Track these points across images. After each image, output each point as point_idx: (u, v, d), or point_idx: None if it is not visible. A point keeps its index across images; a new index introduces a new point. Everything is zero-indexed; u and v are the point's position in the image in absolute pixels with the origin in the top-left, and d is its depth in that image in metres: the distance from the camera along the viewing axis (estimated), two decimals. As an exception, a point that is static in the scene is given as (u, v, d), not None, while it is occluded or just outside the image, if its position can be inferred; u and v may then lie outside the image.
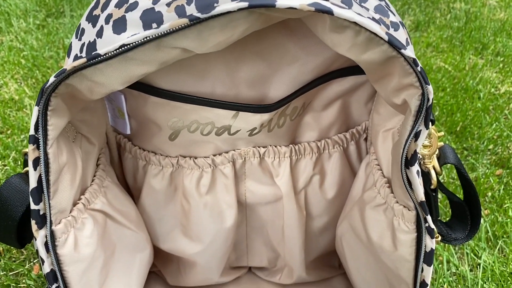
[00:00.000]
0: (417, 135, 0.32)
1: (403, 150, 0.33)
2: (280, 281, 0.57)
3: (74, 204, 0.39)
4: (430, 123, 0.35)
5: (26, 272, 0.61)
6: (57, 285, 0.39)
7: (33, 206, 0.35)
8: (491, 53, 1.15)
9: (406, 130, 0.32)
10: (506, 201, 0.73)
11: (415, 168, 0.34)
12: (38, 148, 0.32)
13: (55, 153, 0.34)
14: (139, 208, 0.51)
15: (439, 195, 0.57)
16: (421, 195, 0.35)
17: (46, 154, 0.33)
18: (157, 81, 0.42)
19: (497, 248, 0.65)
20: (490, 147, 0.86)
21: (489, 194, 0.76)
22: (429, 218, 0.36)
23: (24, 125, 0.86)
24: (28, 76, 1.01)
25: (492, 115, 0.94)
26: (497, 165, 0.83)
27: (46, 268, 0.38)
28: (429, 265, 0.39)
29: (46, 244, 0.37)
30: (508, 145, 0.86)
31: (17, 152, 0.79)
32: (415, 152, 0.33)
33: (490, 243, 0.66)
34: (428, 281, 0.40)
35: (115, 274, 0.45)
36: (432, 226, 0.37)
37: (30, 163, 0.33)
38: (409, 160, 0.33)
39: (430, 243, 0.38)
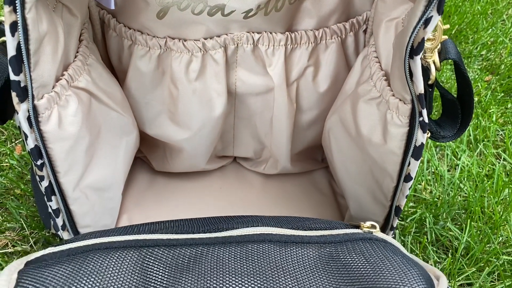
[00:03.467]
0: (427, 22, 0.30)
1: (410, 38, 0.31)
2: (264, 171, 0.58)
3: (57, 80, 0.37)
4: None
5: (8, 152, 0.61)
6: (42, 161, 0.38)
7: (12, 77, 0.32)
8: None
9: (415, 16, 0.30)
10: (491, 107, 0.74)
11: (419, 59, 0.33)
12: (15, 11, 0.29)
13: (34, 19, 0.31)
14: (125, 91, 0.49)
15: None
16: (421, 87, 0.34)
17: (24, 19, 0.30)
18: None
19: (477, 151, 0.66)
20: (483, 52, 0.85)
21: (476, 99, 0.76)
22: (424, 112, 0.36)
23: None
24: None
25: (490, 19, 0.91)
26: (487, 71, 0.82)
27: (30, 144, 0.37)
28: (417, 160, 0.40)
29: (29, 119, 0.35)
30: (501, 51, 0.85)
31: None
32: (423, 40, 0.31)
33: (470, 146, 0.68)
34: (413, 174, 0.41)
35: (101, 156, 0.45)
36: (426, 120, 0.37)
37: (7, 28, 0.30)
38: (415, 49, 0.32)
39: (421, 138, 0.38)
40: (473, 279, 0.51)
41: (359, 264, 0.32)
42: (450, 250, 0.54)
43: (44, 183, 0.40)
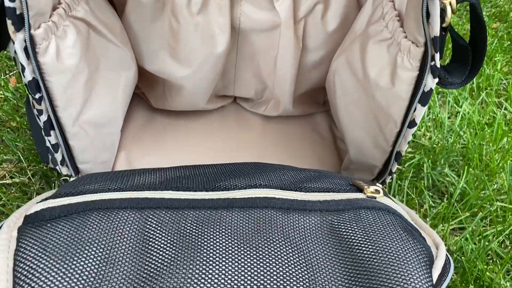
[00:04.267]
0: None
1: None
2: (265, 112, 0.57)
3: (54, 9, 0.35)
4: None
5: (2, 84, 0.59)
6: (40, 95, 0.37)
7: (7, 3, 0.30)
8: None
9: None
10: (497, 55, 0.72)
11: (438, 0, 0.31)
12: None
13: None
14: (124, 24, 0.47)
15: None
16: (437, 29, 0.33)
17: None
18: None
19: (479, 99, 0.66)
20: (493, -3, 0.82)
21: (482, 46, 0.74)
22: (437, 56, 0.35)
23: None
24: None
25: (503, -38, 0.87)
26: (496, 18, 0.80)
27: (28, 76, 0.35)
28: (424, 105, 0.39)
29: (26, 50, 0.34)
30: (512, -3, 0.82)
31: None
32: (445, -22, 0.29)
33: (473, 94, 0.67)
34: (418, 121, 0.41)
35: (99, 91, 0.43)
36: (438, 65, 0.35)
37: None
38: (435, -13, 0.30)
39: (430, 83, 0.37)
40: (466, 223, 0.52)
41: (359, 239, 0.31)
42: (446, 195, 0.55)
43: (43, 118, 0.39)
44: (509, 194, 0.54)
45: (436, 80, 0.37)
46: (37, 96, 0.37)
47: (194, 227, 0.31)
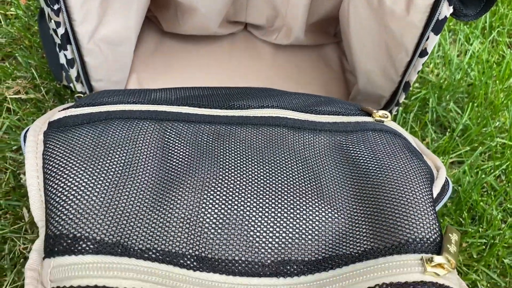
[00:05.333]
0: None
1: None
2: (276, 40, 0.58)
3: None
4: None
5: (12, 1, 0.58)
6: (59, 6, 0.38)
7: None
8: None
9: None
10: (513, -7, 0.71)
11: None
12: None
13: None
14: None
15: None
16: (459, -48, 0.32)
17: None
18: None
19: (490, 38, 0.66)
20: None
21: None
22: (455, -18, 0.35)
23: None
24: None
25: None
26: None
27: (47, -15, 0.35)
28: (436, 34, 0.39)
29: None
30: None
31: None
32: None
33: (484, 32, 0.67)
34: (430, 50, 0.41)
35: (114, 9, 0.44)
36: (455, -9, 0.36)
37: None
38: None
39: (445, 11, 0.37)
40: (465, 157, 0.54)
41: (366, 157, 0.33)
42: (448, 130, 0.56)
43: (60, 30, 0.40)
44: (510, 131, 0.55)
45: (451, 8, 0.38)
46: (55, 7, 0.37)
47: (210, 139, 0.33)
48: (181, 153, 0.31)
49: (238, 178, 0.30)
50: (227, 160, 0.31)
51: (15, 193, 0.45)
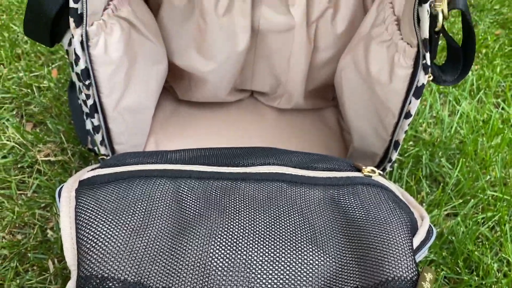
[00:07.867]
0: (436, -26, 0.34)
1: (420, -13, 0.35)
2: (279, 105, 0.64)
3: (104, 9, 0.42)
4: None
5: (45, 75, 0.66)
6: (89, 81, 0.44)
7: (72, 4, 0.37)
8: None
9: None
10: (497, 59, 0.77)
11: (426, 6, 0.37)
12: None
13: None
14: (158, 23, 0.53)
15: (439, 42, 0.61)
16: (426, 32, 0.39)
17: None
18: None
19: (477, 98, 0.71)
20: (497, 7, 0.87)
21: (483, 51, 0.80)
22: (427, 55, 0.41)
23: None
24: None
25: (508, -28, 0.92)
26: (498, 25, 0.85)
27: (81, 65, 0.42)
28: (417, 98, 0.45)
29: (81, 43, 0.41)
30: (515, 5, 0.87)
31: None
32: (431, -10, 0.35)
33: (472, 94, 0.73)
34: (413, 112, 0.46)
35: (136, 81, 0.50)
36: (429, 63, 0.41)
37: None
38: (424, -4, 0.36)
39: (422, 79, 0.43)
40: (459, 209, 0.57)
41: (355, 207, 0.37)
42: (442, 184, 0.60)
43: (89, 102, 0.46)
44: (501, 185, 0.59)
45: (428, 76, 0.43)
46: (87, 82, 0.44)
47: (218, 193, 0.38)
48: (192, 205, 0.36)
49: (242, 227, 0.34)
50: (232, 211, 0.36)
51: (42, 247, 0.49)
